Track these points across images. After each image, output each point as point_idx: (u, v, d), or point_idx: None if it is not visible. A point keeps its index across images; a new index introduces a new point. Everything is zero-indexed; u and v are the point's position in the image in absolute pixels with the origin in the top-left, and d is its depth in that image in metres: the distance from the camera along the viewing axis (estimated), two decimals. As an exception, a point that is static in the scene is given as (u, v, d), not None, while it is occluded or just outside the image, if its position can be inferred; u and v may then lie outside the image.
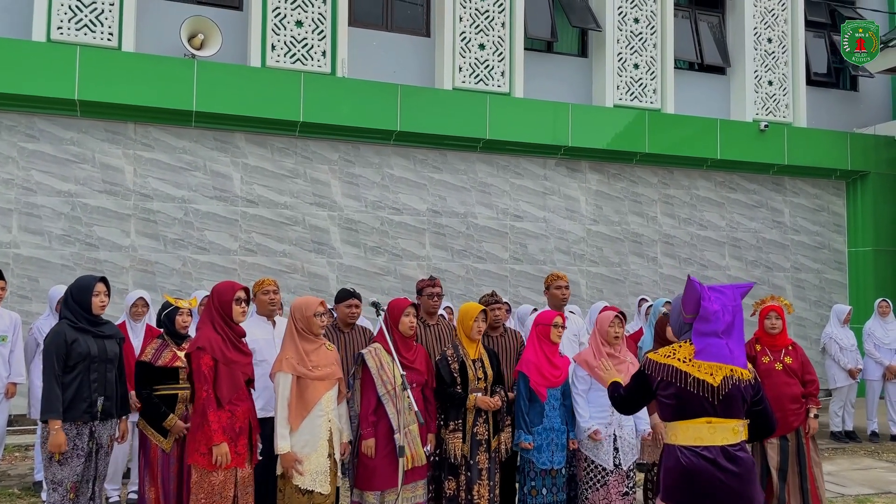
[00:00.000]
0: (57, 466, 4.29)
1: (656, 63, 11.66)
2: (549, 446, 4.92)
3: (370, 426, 4.58)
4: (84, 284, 4.52)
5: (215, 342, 4.25)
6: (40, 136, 8.81)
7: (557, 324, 5.06)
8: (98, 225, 8.94)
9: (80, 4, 8.93)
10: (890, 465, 7.78)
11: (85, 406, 4.36)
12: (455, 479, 4.84)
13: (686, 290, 3.37)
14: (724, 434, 3.23)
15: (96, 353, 4.43)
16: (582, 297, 10.78)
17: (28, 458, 7.32)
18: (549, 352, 5.03)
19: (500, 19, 10.79)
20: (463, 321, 4.99)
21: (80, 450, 4.34)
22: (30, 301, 8.57)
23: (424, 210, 10.34)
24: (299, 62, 9.80)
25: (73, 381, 4.35)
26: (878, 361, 8.91)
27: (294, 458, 4.25)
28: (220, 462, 4.12)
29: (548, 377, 4.95)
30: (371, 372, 4.63)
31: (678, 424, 3.28)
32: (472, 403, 4.84)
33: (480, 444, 4.86)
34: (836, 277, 12.69)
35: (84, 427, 4.37)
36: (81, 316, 4.46)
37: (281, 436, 4.26)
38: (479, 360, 4.96)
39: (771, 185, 12.35)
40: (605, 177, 11.34)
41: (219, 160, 9.48)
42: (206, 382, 4.17)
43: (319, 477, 4.31)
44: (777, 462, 5.48)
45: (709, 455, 3.19)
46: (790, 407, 5.46)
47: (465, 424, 4.86)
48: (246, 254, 9.50)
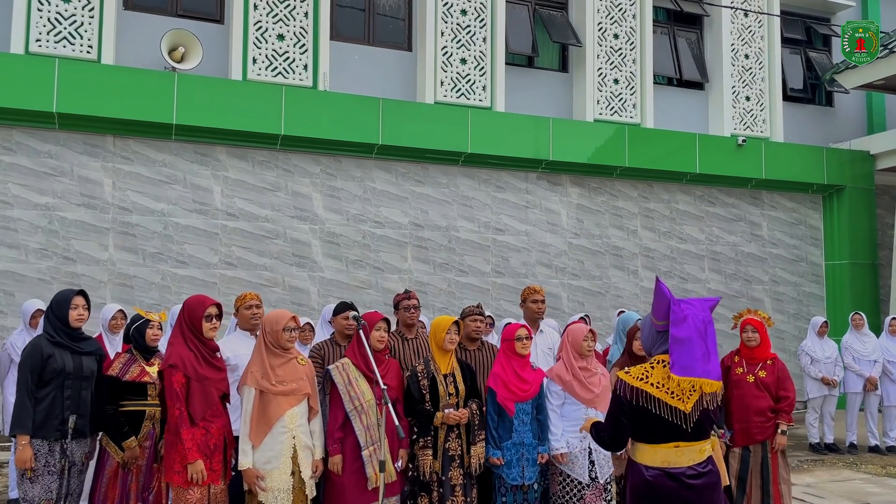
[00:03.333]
0: (29, 484, 4.21)
1: (636, 78, 11.78)
2: (519, 461, 4.85)
3: (336, 442, 4.51)
4: (62, 298, 4.47)
5: (187, 359, 4.19)
6: (17, 149, 8.71)
7: (520, 336, 4.99)
8: (76, 238, 8.84)
9: (59, 17, 8.87)
10: (868, 476, 7.84)
11: (56, 423, 4.28)
12: (428, 496, 4.75)
13: (655, 294, 3.30)
14: (692, 455, 3.21)
15: (71, 370, 4.35)
16: (563, 310, 10.81)
17: (2, 476, 7.18)
18: (517, 366, 4.95)
19: (481, 34, 10.86)
20: (435, 333, 4.92)
21: (51, 467, 4.25)
22: (5, 315, 8.44)
23: (406, 223, 10.34)
24: (281, 75, 9.79)
25: (45, 396, 4.27)
26: (859, 374, 9.01)
27: (255, 474, 4.19)
28: (195, 479, 4.07)
29: (515, 392, 4.87)
30: (338, 388, 4.56)
31: (646, 447, 3.24)
32: (440, 420, 4.75)
33: (453, 459, 4.77)
34: (814, 290, 12.83)
35: (55, 444, 4.28)
36: (60, 330, 4.40)
37: (242, 451, 4.21)
38: (450, 374, 4.87)
39: (749, 198, 12.49)
40: (586, 190, 11.41)
41: (199, 173, 9.42)
42: (178, 400, 4.11)
43: (281, 495, 4.23)
44: (736, 470, 5.54)
45: (675, 473, 3.18)
46: (755, 419, 5.52)
47: (435, 440, 4.77)
48: (226, 267, 9.43)
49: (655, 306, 3.30)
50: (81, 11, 8.96)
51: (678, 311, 3.19)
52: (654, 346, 3.33)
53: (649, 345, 3.39)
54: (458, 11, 10.78)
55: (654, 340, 3.33)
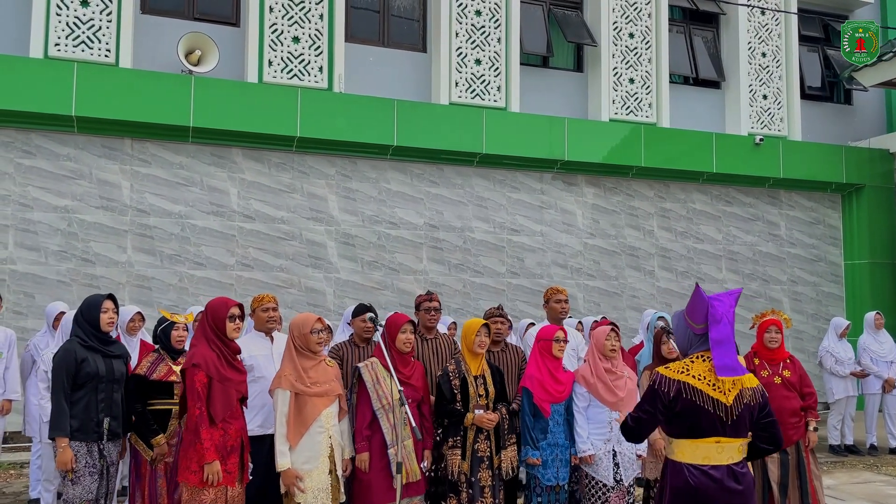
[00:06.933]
0: (70, 486, 4.30)
1: (651, 77, 11.72)
2: (554, 462, 4.88)
3: (364, 440, 4.54)
4: (92, 302, 4.54)
5: (210, 359, 4.23)
6: (37, 153, 8.81)
7: (559, 338, 5.01)
8: (95, 241, 8.93)
9: (77, 21, 8.96)
10: (889, 478, 7.75)
11: (93, 425, 4.36)
12: (456, 497, 4.77)
13: (693, 299, 3.35)
14: (731, 453, 3.23)
15: (104, 373, 4.43)
16: (579, 310, 10.78)
17: (23, 476, 7.26)
18: (552, 367, 4.98)
19: (495, 35, 10.85)
20: (466, 336, 4.95)
21: (91, 468, 4.34)
22: (25, 317, 8.54)
23: (421, 224, 10.35)
24: (296, 78, 9.83)
25: (80, 399, 4.36)
26: (878, 375, 8.91)
27: (294, 474, 4.23)
28: (211, 480, 4.10)
29: (551, 392, 4.90)
30: (367, 386, 4.60)
31: (686, 442, 3.24)
32: (470, 421, 4.79)
33: (482, 461, 4.79)
34: (833, 290, 12.70)
35: (93, 446, 4.37)
36: (91, 334, 4.48)
37: (280, 453, 4.24)
38: (481, 376, 4.90)
39: (767, 198, 12.39)
40: (602, 190, 11.37)
41: (216, 175, 9.48)
42: (199, 400, 4.15)
43: (321, 494, 4.27)
44: (778, 476, 5.47)
45: (716, 474, 3.19)
46: (790, 420, 5.46)
47: (464, 441, 4.80)
48: (242, 269, 9.48)
49: (696, 311, 3.34)
50: (99, 16, 9.04)
51: (715, 312, 3.25)
52: (691, 347, 3.39)
53: (686, 345, 3.43)
54: (473, 12, 10.77)
55: (691, 341, 3.38)
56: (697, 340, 3.34)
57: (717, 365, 3.19)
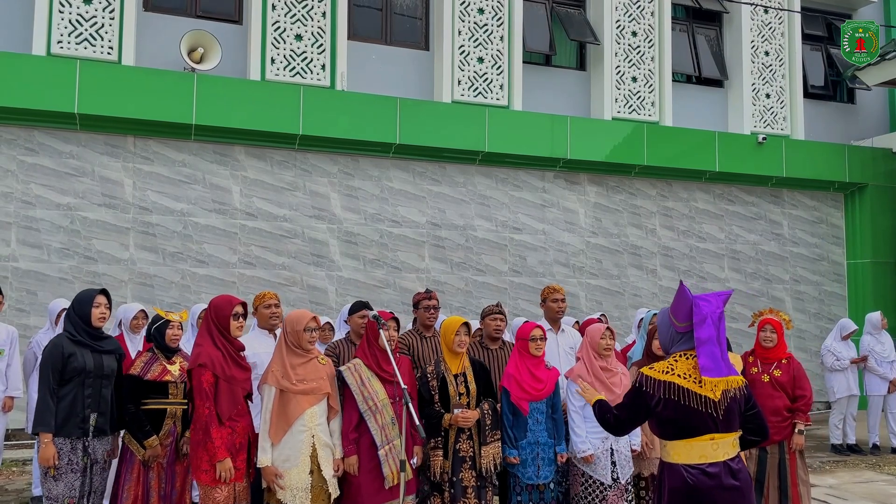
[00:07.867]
0: (52, 482, 4.24)
1: (654, 76, 11.71)
2: (534, 460, 4.83)
3: (351, 443, 4.50)
4: (84, 297, 4.50)
5: (216, 358, 4.23)
6: (40, 150, 8.81)
7: (535, 337, 4.96)
8: (97, 238, 8.93)
9: (80, 18, 8.96)
10: (891, 478, 7.74)
11: (78, 421, 4.31)
12: (440, 496, 4.74)
13: (676, 298, 3.33)
14: (726, 449, 3.22)
15: (92, 368, 4.38)
16: (581, 309, 10.77)
17: (26, 473, 7.28)
18: (530, 365, 4.93)
19: (498, 33, 10.84)
20: (445, 335, 4.88)
21: (74, 465, 4.29)
22: (28, 315, 8.55)
23: (423, 223, 10.34)
24: (299, 76, 9.82)
25: (66, 395, 4.31)
26: (883, 377, 8.88)
27: (274, 472, 4.22)
28: (223, 478, 4.10)
29: (529, 391, 4.85)
30: (351, 388, 4.54)
31: (680, 443, 3.23)
32: (447, 422, 4.72)
33: (464, 460, 4.73)
34: (836, 289, 12.69)
35: (77, 442, 4.31)
36: (81, 329, 4.43)
37: (262, 449, 4.24)
38: (462, 374, 4.84)
39: (769, 197, 12.38)
40: (604, 189, 11.36)
41: (218, 173, 9.48)
42: (207, 399, 4.15)
43: (300, 493, 4.24)
44: (753, 472, 5.49)
45: (714, 471, 3.18)
46: (771, 419, 5.46)
47: (446, 441, 4.75)
48: (245, 267, 9.49)
49: (679, 309, 3.32)
50: (102, 13, 9.04)
51: (698, 311, 3.22)
52: (673, 345, 3.37)
53: (668, 344, 3.41)
54: (476, 10, 10.76)
55: (673, 339, 3.37)
56: (679, 339, 3.32)
57: (701, 365, 3.18)
